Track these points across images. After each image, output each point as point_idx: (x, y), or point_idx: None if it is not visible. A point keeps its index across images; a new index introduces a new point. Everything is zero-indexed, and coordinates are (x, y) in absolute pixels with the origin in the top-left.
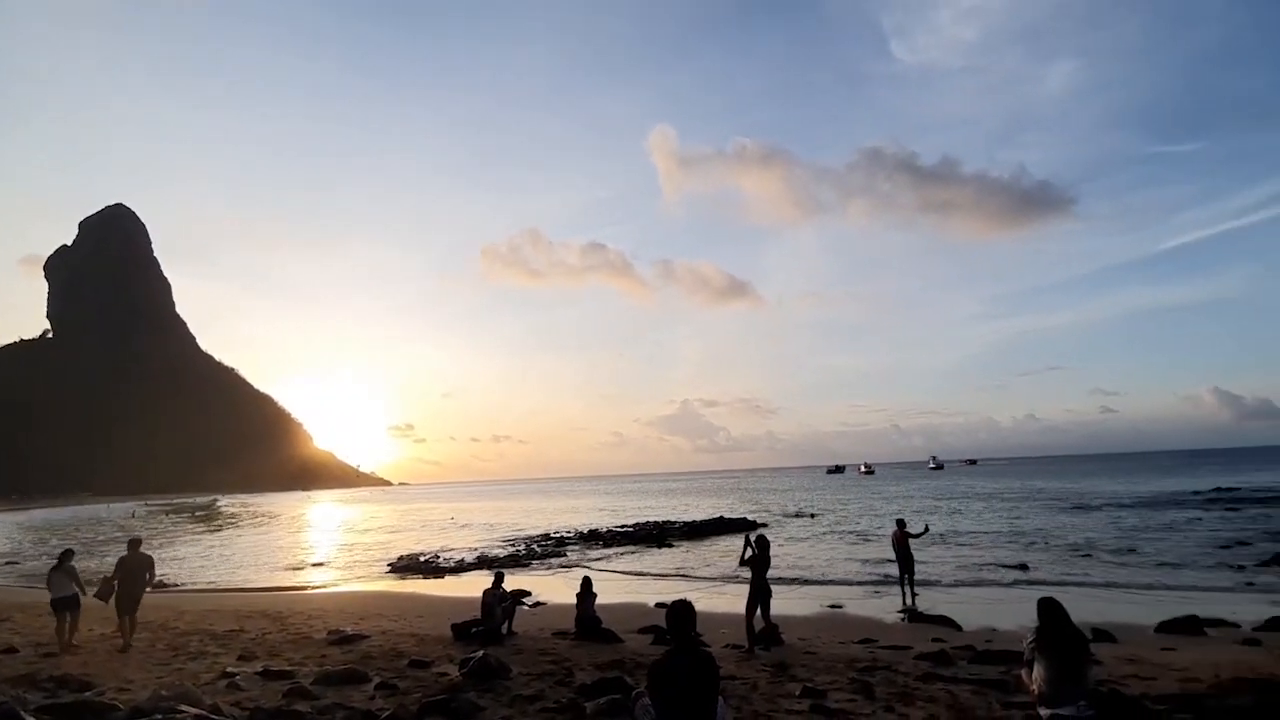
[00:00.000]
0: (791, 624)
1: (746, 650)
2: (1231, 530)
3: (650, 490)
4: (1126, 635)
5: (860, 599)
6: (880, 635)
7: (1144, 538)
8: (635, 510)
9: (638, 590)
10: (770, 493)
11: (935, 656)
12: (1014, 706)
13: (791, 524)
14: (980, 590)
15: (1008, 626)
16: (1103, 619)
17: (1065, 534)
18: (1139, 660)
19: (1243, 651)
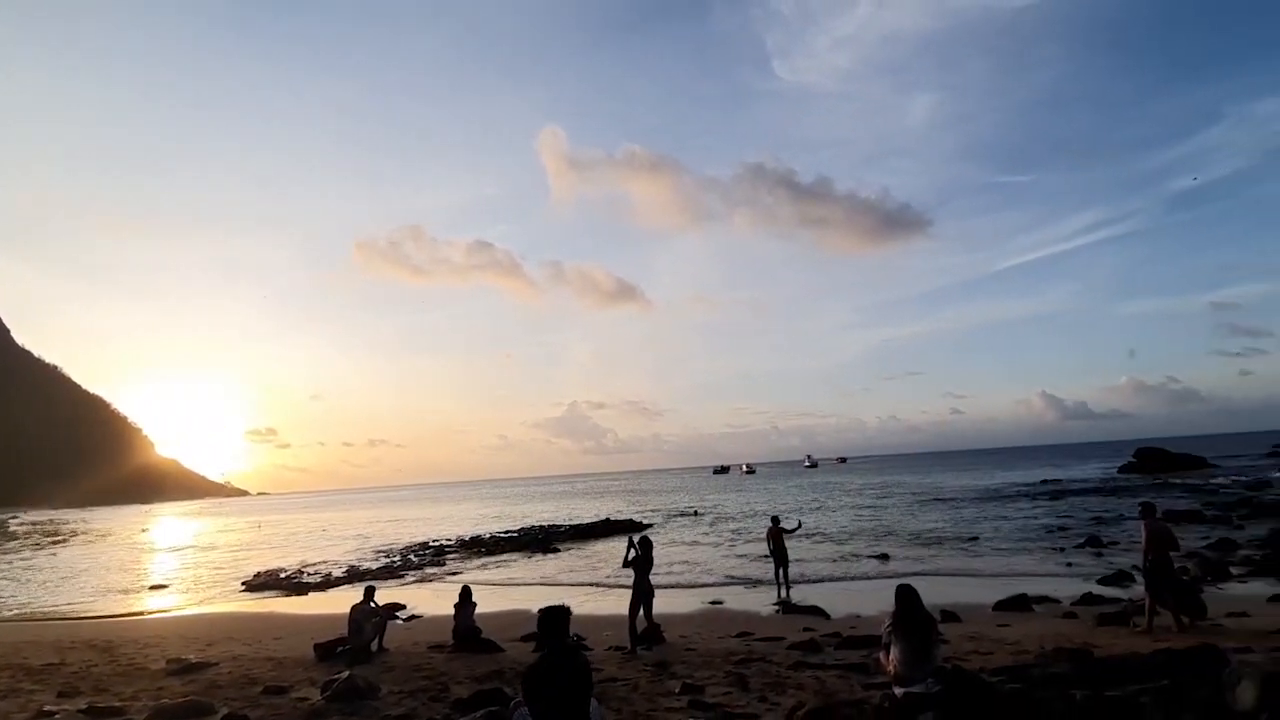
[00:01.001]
0: (674, 622)
1: (629, 651)
2: (1054, 518)
3: (536, 494)
4: (969, 615)
5: (739, 594)
6: (757, 628)
7: (984, 526)
8: (520, 515)
9: (521, 597)
10: (657, 493)
11: (806, 645)
12: (874, 687)
13: (677, 523)
14: (847, 580)
15: (870, 613)
16: (950, 601)
17: (920, 525)
18: (979, 637)
19: (1062, 624)
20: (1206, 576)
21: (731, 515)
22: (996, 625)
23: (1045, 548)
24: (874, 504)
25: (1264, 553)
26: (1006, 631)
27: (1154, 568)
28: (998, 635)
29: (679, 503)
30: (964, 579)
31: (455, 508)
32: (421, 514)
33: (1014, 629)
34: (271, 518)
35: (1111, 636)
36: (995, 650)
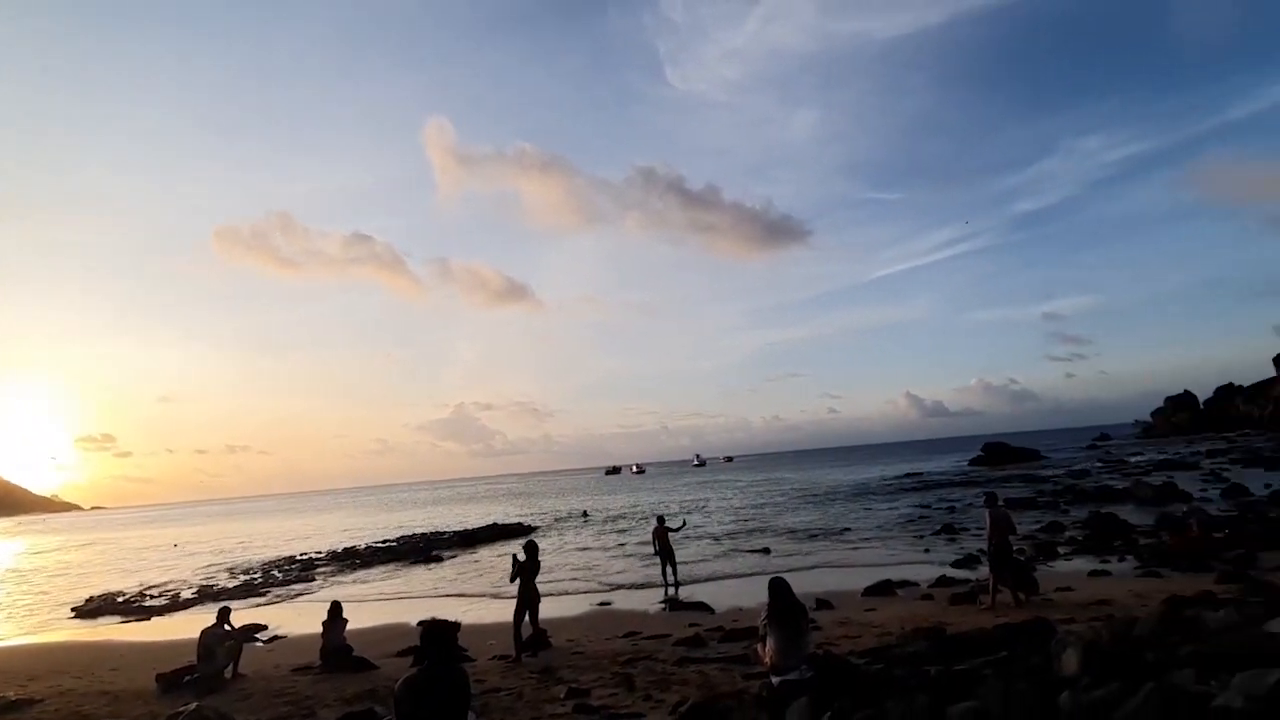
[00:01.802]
0: (561, 626)
1: (514, 659)
2: (915, 508)
3: (420, 499)
4: (841, 601)
5: (627, 594)
6: (644, 627)
7: (855, 518)
8: (401, 523)
9: (400, 611)
10: (547, 495)
11: (690, 641)
12: (753, 677)
13: (567, 525)
14: (730, 575)
15: (752, 605)
16: (824, 590)
17: (799, 519)
18: (849, 622)
19: (921, 605)
20: (1039, 556)
21: (622, 515)
22: (864, 610)
23: (907, 536)
24: (757, 500)
25: (1085, 533)
26: (873, 615)
27: (996, 551)
28: (865, 619)
29: (569, 504)
30: (837, 568)
31: (327, 518)
32: (288, 526)
33: (879, 613)
34: (108, 535)
35: (961, 614)
36: (863, 633)
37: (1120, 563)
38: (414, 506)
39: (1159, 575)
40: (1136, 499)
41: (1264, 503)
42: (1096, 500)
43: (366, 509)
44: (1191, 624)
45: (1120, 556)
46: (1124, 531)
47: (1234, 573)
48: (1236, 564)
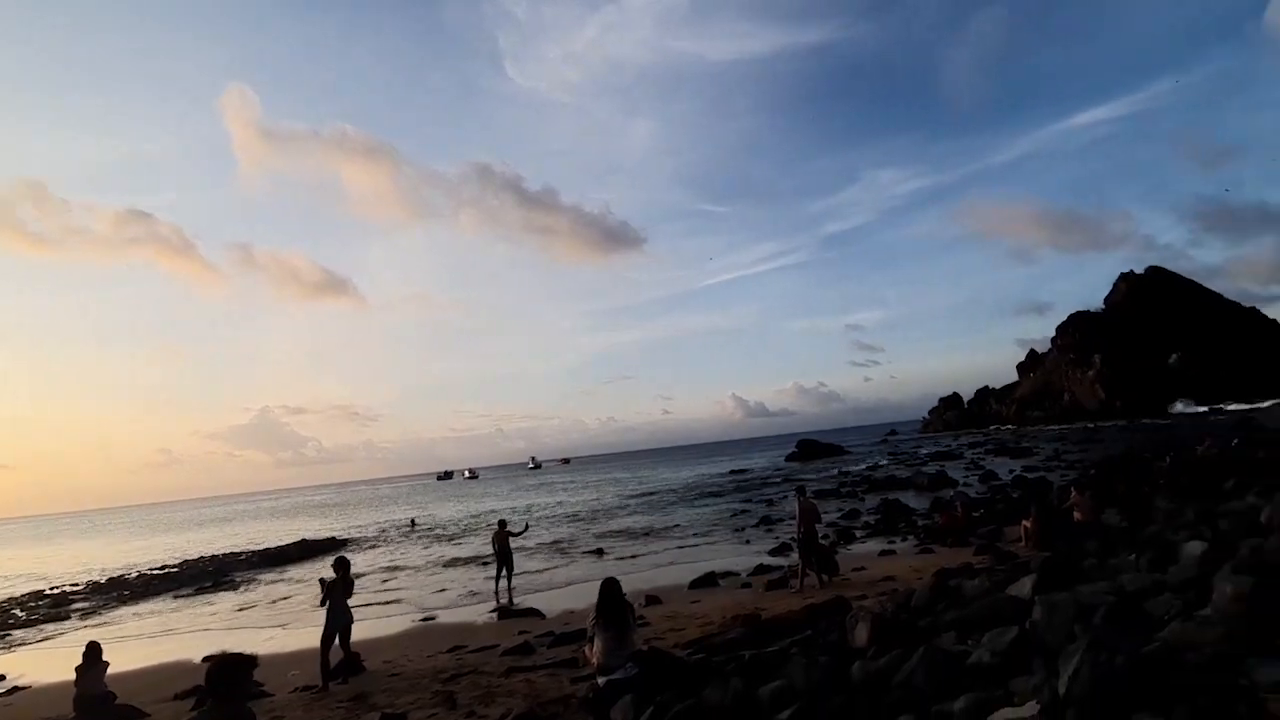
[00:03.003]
0: (377, 646)
1: (320, 688)
2: (739, 503)
3: (213, 517)
4: (669, 596)
5: (455, 605)
6: (471, 639)
7: (684, 515)
8: (187, 544)
9: (182, 647)
10: (369, 505)
11: (520, 649)
12: (581, 680)
13: (391, 536)
14: (566, 576)
15: (584, 607)
16: (653, 585)
17: (632, 518)
18: (676, 615)
19: (741, 594)
20: (840, 541)
21: (452, 522)
22: (690, 603)
23: (731, 529)
24: (592, 501)
25: (877, 518)
26: (697, 607)
27: (804, 538)
28: (691, 611)
29: (395, 514)
30: (668, 564)
31: (90, 543)
32: (36, 554)
33: (703, 604)
34: None
35: (775, 599)
36: (687, 625)
37: (904, 542)
38: (205, 525)
39: (932, 551)
40: (916, 486)
41: (1009, 485)
42: (886, 489)
43: (144, 530)
44: (954, 592)
45: (904, 537)
46: (907, 515)
47: (986, 546)
48: (988, 538)
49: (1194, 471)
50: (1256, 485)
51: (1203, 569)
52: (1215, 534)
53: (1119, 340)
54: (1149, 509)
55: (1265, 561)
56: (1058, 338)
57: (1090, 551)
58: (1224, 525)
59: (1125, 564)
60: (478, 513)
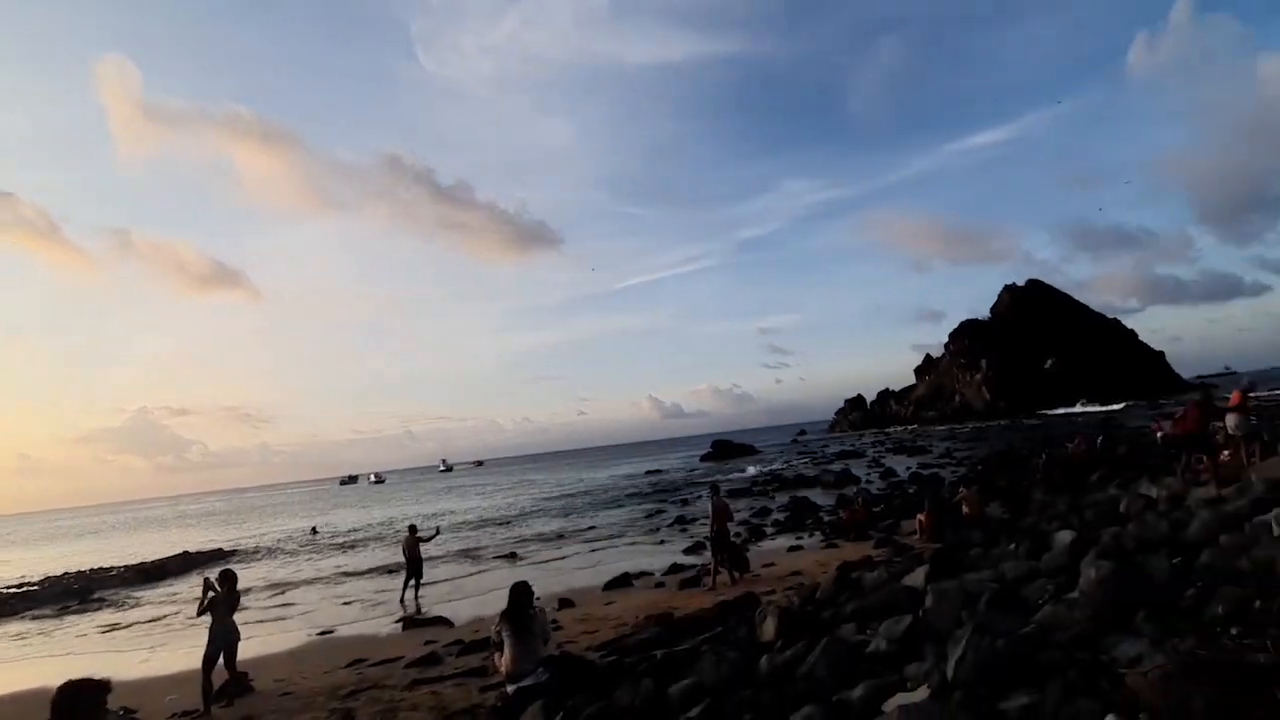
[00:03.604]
0: (268, 664)
1: (202, 713)
2: (654, 503)
3: (79, 529)
4: (583, 598)
5: (356, 617)
6: (373, 652)
7: (600, 516)
8: (49, 560)
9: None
10: (264, 513)
11: (426, 660)
12: (490, 689)
13: (289, 546)
14: (476, 583)
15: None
16: (567, 588)
17: (547, 521)
18: (589, 618)
19: (655, 594)
20: (751, 538)
21: (356, 530)
22: (604, 604)
23: (646, 529)
24: (506, 505)
25: (786, 515)
26: (611, 608)
27: (716, 536)
28: (604, 613)
29: (293, 523)
30: (583, 566)
31: None
32: None
33: (617, 605)
34: None
35: (688, 598)
36: (601, 627)
37: (811, 538)
38: (72, 538)
39: (837, 546)
40: (823, 484)
41: (906, 482)
42: (795, 487)
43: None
44: (856, 584)
45: (811, 533)
46: (814, 512)
47: (885, 539)
48: (888, 532)
49: (1065, 467)
50: (1117, 479)
51: (1072, 556)
52: (1082, 523)
53: (1003, 346)
54: (1027, 502)
55: (1123, 547)
56: (950, 343)
57: (976, 542)
58: (1090, 515)
59: (1006, 553)
60: (384, 519)
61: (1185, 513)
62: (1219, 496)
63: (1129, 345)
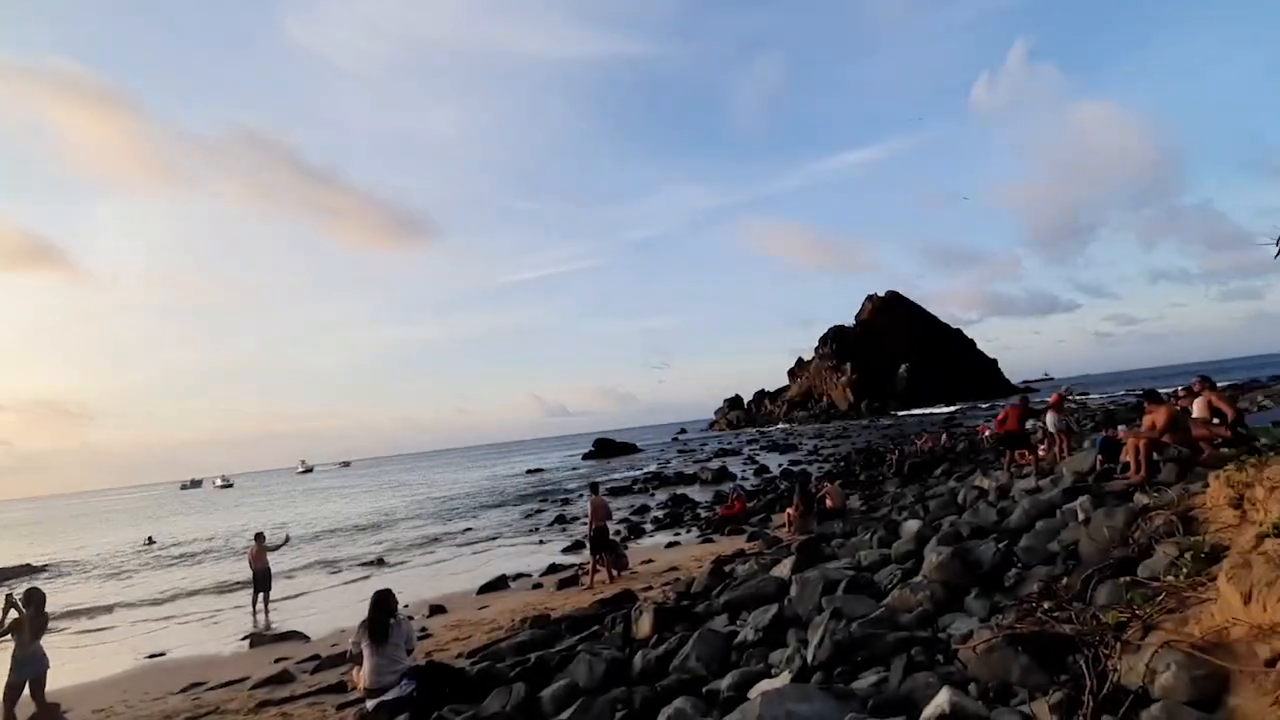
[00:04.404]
0: (88, 692)
1: None
2: (534, 502)
3: None
4: (456, 604)
5: (195, 637)
6: (214, 674)
7: (477, 516)
8: None
9: None
10: (83, 524)
11: (276, 679)
12: (348, 706)
13: (117, 560)
14: (337, 592)
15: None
16: (439, 593)
17: (420, 523)
18: (461, 623)
19: (532, 595)
20: (630, 535)
21: (198, 539)
22: (478, 608)
23: (525, 530)
24: (375, 508)
25: (665, 511)
26: (486, 612)
27: (595, 534)
28: (478, 618)
29: (122, 533)
30: (457, 571)
31: None
32: None
33: (492, 608)
34: None
35: (566, 597)
36: (474, 633)
37: (688, 534)
38: None
39: (713, 541)
40: (701, 481)
41: (778, 478)
42: (674, 484)
43: None
44: (729, 577)
45: (688, 529)
46: (692, 508)
47: (758, 533)
48: (760, 525)
49: (914, 463)
50: (956, 472)
51: (917, 543)
52: (927, 513)
53: (866, 351)
54: (881, 494)
55: (959, 534)
56: (819, 347)
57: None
58: (933, 505)
59: (863, 542)
60: (232, 528)
61: (1010, 502)
62: (1037, 487)
63: (970, 352)
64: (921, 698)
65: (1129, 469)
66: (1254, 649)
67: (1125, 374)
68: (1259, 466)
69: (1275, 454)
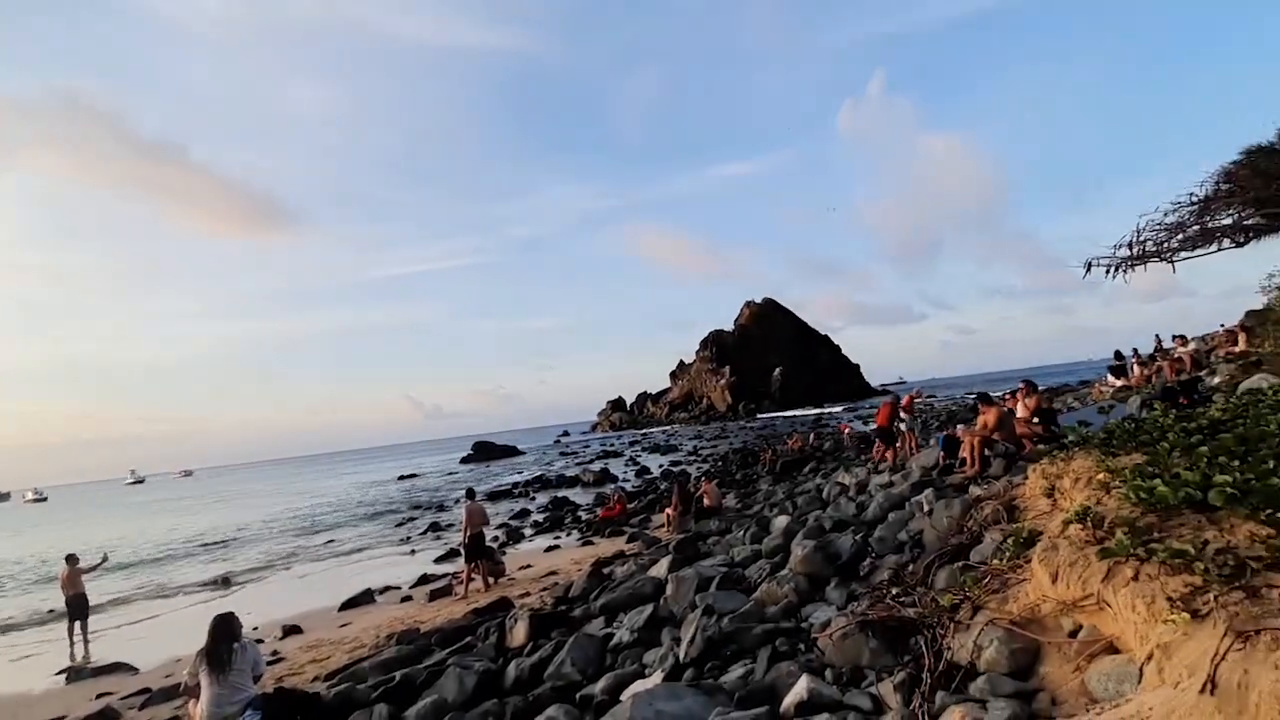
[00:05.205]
0: None
1: None
2: (406, 509)
3: None
4: (313, 623)
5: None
6: (23, 715)
7: (341, 526)
8: None
9: None
10: None
11: (97, 716)
12: None
13: None
14: (173, 618)
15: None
16: (294, 613)
17: (273, 536)
18: (319, 644)
19: (401, 609)
20: (509, 541)
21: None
22: (339, 626)
23: (395, 540)
24: (222, 522)
25: (546, 515)
26: (347, 630)
27: (471, 541)
28: (338, 636)
29: None
30: (316, 588)
31: None
32: None
33: (355, 625)
34: None
35: (438, 609)
36: (334, 653)
37: (569, 537)
38: None
39: (593, 543)
40: (583, 483)
41: (659, 478)
42: (556, 487)
43: None
44: (607, 579)
45: (569, 532)
46: (573, 510)
47: (637, 533)
48: (640, 526)
49: (785, 461)
50: (823, 469)
51: (785, 538)
52: (795, 508)
53: (743, 355)
54: (756, 492)
55: (822, 528)
56: (700, 351)
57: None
58: (801, 501)
59: (737, 539)
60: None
61: (868, 496)
62: (890, 482)
63: (837, 357)
64: (783, 687)
65: (966, 464)
66: (1060, 622)
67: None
68: (1066, 460)
69: (1080, 449)
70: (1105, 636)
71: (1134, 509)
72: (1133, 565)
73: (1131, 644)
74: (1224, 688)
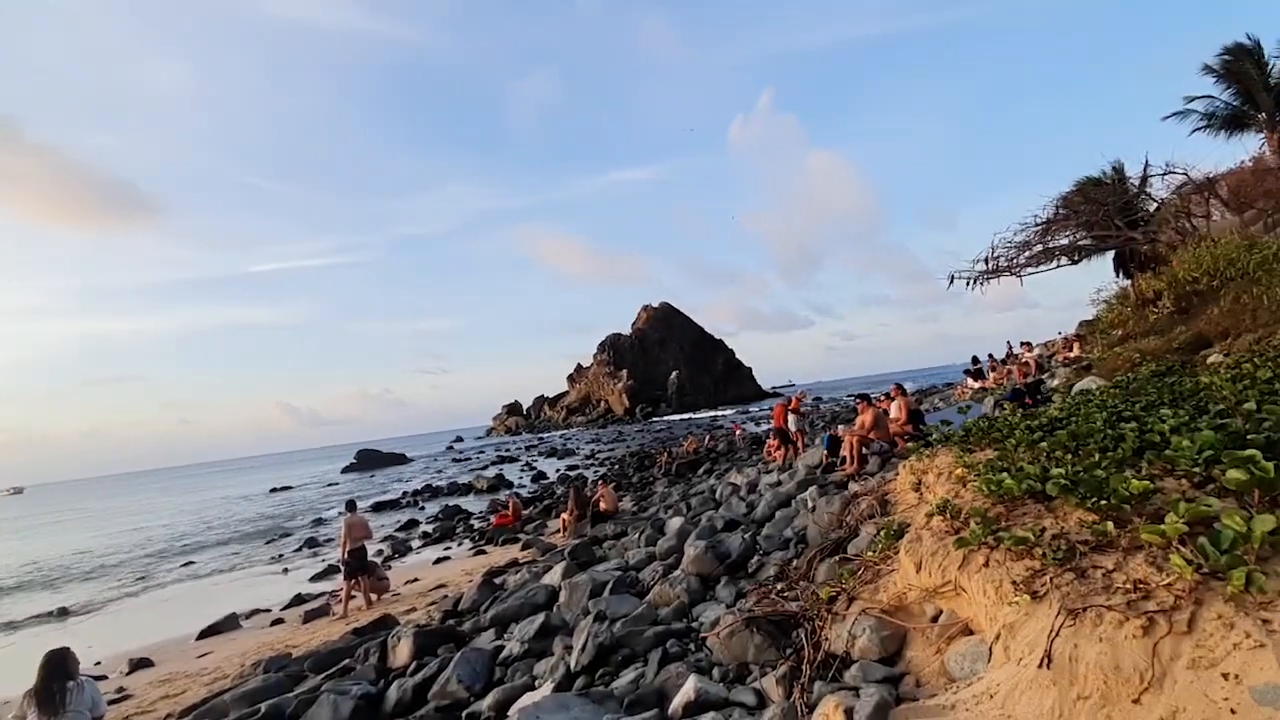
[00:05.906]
0: None
1: None
2: (278, 524)
3: None
4: (167, 654)
5: None
6: None
7: (201, 546)
8: None
9: None
10: None
11: None
12: None
13: None
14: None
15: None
16: (147, 644)
17: (123, 559)
18: (173, 677)
19: (270, 633)
20: (395, 554)
21: None
22: (197, 657)
23: (265, 559)
24: (58, 546)
25: (436, 525)
26: (207, 660)
27: (351, 557)
28: (196, 668)
29: None
30: (172, 615)
31: None
32: None
33: (216, 654)
34: None
35: (312, 632)
36: (190, 686)
37: (460, 547)
38: None
39: (485, 552)
40: (476, 490)
41: (555, 483)
42: (447, 495)
43: None
44: (499, 589)
45: (460, 541)
46: (465, 519)
47: (532, 540)
48: (535, 532)
49: (680, 463)
50: (717, 470)
51: (679, 539)
52: (689, 510)
53: (640, 358)
54: (652, 494)
55: (714, 527)
56: (597, 354)
57: (610, 534)
58: (695, 502)
59: (632, 542)
60: None
61: (757, 495)
62: (779, 481)
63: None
64: (673, 688)
65: (846, 462)
66: (924, 608)
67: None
68: (931, 457)
69: (943, 446)
70: (962, 620)
71: (986, 500)
72: (984, 553)
73: (983, 625)
74: (1058, 661)
